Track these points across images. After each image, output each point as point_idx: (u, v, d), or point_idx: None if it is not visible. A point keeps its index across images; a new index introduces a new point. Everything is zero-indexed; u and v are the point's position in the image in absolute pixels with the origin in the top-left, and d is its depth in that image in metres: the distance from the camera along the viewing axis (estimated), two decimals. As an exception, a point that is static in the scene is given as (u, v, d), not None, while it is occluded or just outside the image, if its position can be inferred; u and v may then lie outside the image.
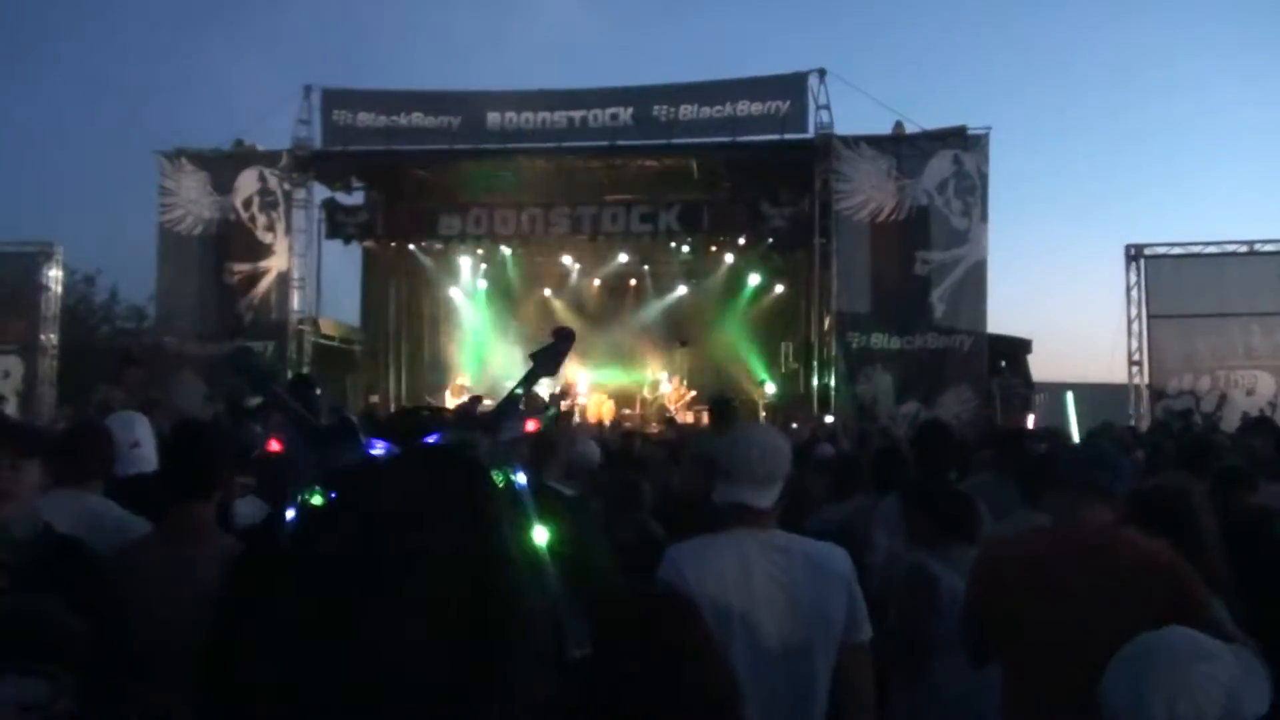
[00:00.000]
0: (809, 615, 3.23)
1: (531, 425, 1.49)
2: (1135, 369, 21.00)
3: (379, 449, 1.32)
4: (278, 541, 1.30)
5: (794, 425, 16.82)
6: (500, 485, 1.32)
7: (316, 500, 1.27)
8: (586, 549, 1.47)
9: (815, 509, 6.28)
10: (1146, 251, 21.04)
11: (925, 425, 6.66)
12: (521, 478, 1.33)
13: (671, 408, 23.83)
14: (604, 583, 1.50)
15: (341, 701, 1.15)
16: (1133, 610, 3.25)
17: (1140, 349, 20.93)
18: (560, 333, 1.62)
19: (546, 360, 1.59)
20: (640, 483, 5.72)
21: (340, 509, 1.26)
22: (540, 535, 1.31)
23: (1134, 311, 20.96)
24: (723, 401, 9.96)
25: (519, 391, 1.50)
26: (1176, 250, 21.13)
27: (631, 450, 9.43)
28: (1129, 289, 21.00)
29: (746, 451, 3.33)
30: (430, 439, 1.36)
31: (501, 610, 1.20)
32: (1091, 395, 22.51)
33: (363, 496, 1.27)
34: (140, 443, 5.17)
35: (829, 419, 16.89)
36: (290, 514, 1.27)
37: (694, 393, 24.45)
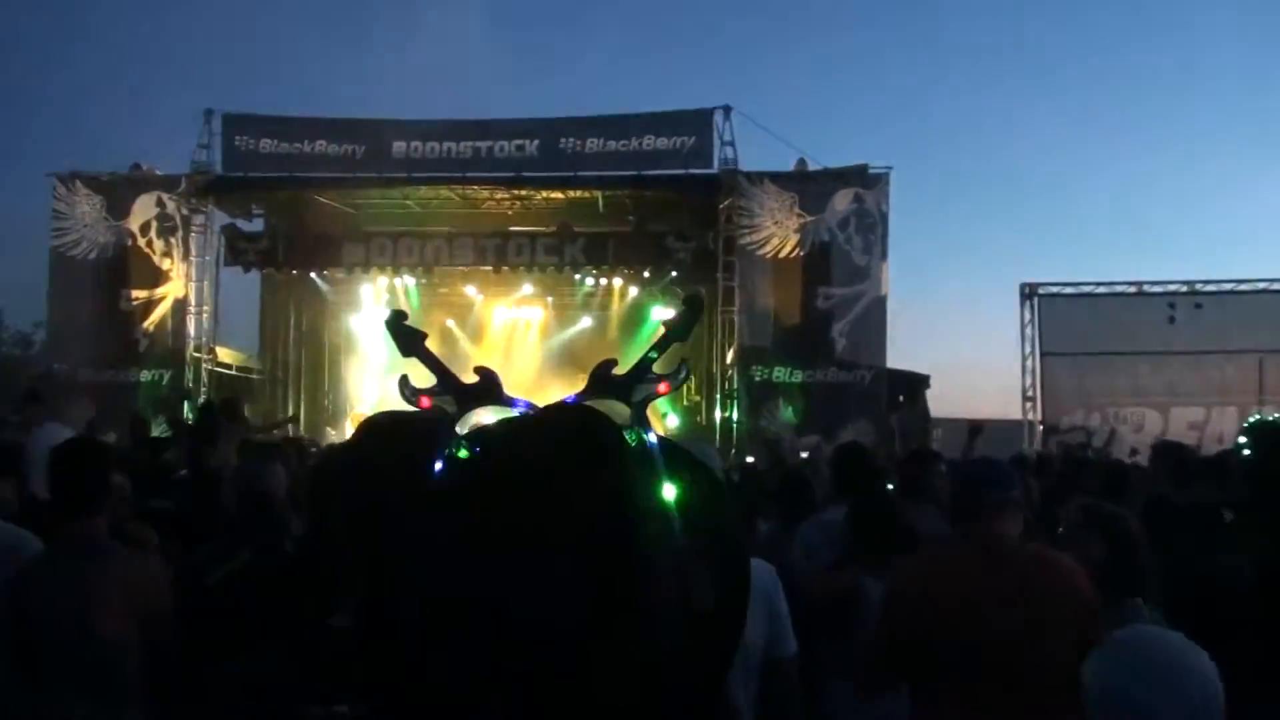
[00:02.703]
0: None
1: (664, 387, 1.61)
2: (1029, 405, 21.57)
3: (520, 408, 1.44)
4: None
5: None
6: (632, 444, 1.43)
7: (463, 454, 1.39)
8: (712, 507, 1.58)
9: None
10: (1040, 290, 21.64)
11: (843, 449, 6.78)
12: (653, 437, 1.45)
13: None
14: (728, 538, 1.62)
15: (481, 634, 1.26)
16: (1037, 620, 3.43)
17: (1034, 385, 21.51)
18: (692, 300, 1.74)
19: (679, 326, 1.70)
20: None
21: (484, 462, 1.38)
22: (669, 492, 1.41)
23: (1028, 349, 21.56)
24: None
25: (653, 355, 1.61)
26: (1069, 289, 21.77)
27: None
28: (1023, 326, 21.60)
29: None
30: (568, 400, 1.49)
31: (629, 557, 1.32)
32: (988, 430, 23.00)
33: (504, 451, 1.39)
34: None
35: (749, 459, 16.94)
36: (438, 465, 1.38)
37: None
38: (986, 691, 3.36)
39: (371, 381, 25.73)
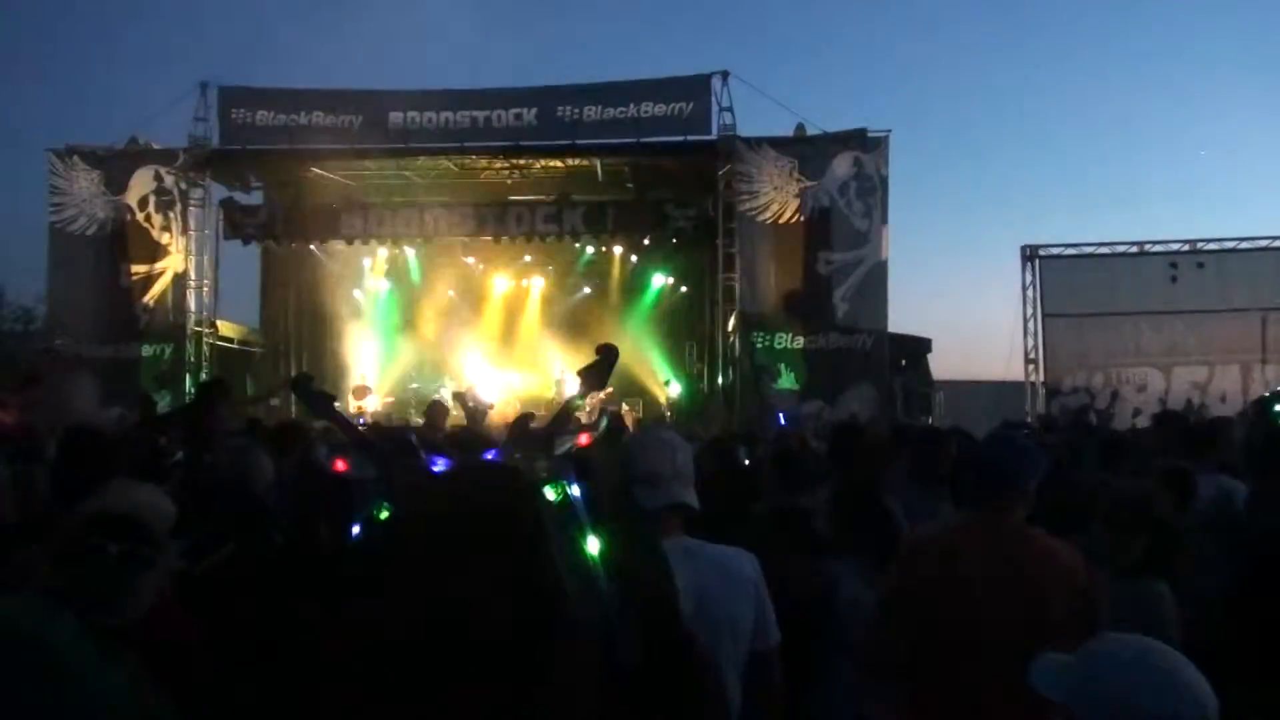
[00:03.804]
0: (718, 622, 3.18)
1: (585, 439, 1.60)
2: (1031, 367, 21.61)
3: (439, 466, 1.42)
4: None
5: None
6: (555, 499, 1.41)
7: (382, 515, 1.37)
8: (641, 559, 1.56)
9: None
10: (1041, 252, 21.66)
11: (839, 428, 6.71)
12: (576, 490, 1.42)
13: (588, 405, 23.85)
14: (656, 593, 1.60)
15: (400, 697, 1.25)
16: (1039, 609, 3.42)
17: (1036, 347, 21.56)
18: (605, 349, 1.72)
19: (593, 375, 1.69)
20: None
21: (404, 523, 1.36)
22: (593, 546, 1.39)
23: (1029, 311, 21.59)
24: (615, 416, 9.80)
25: (575, 403, 1.58)
26: (1070, 251, 21.78)
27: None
28: (1025, 288, 21.64)
29: (660, 454, 3.32)
30: (487, 455, 1.47)
31: (547, 617, 1.30)
32: (990, 393, 23.07)
33: (422, 512, 1.37)
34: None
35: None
36: (356, 529, 1.37)
37: (610, 389, 24.51)
38: (985, 681, 3.34)
39: (372, 353, 25.75)
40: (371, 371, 25.14)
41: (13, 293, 32.19)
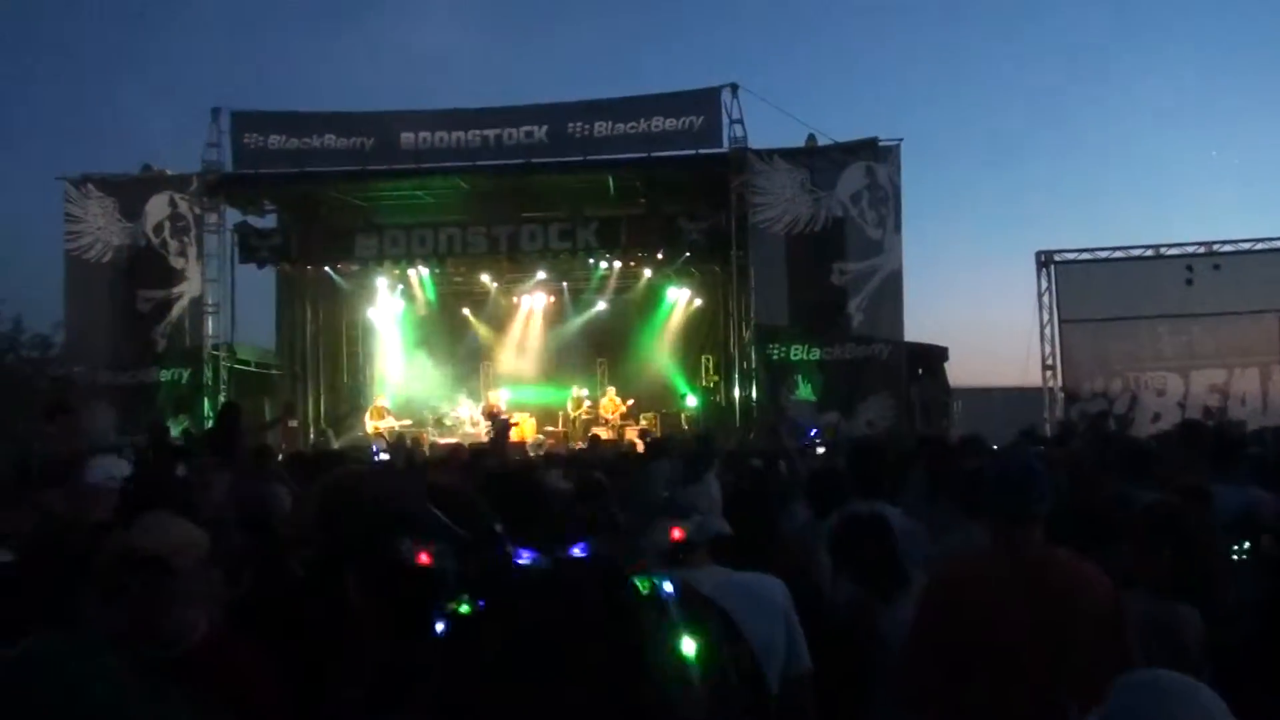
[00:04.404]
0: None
1: (678, 533, 1.54)
2: (1049, 373, 21.56)
3: (525, 559, 1.40)
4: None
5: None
6: (645, 595, 1.39)
7: (464, 609, 1.36)
8: (732, 654, 1.53)
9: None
10: (1056, 257, 21.64)
11: (861, 447, 6.67)
12: (668, 586, 1.40)
13: (608, 419, 23.92)
14: (749, 689, 1.57)
15: None
16: (1069, 631, 3.42)
17: (1053, 353, 21.51)
18: (703, 439, 1.66)
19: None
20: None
21: (488, 620, 1.35)
22: (687, 645, 1.37)
23: (1046, 317, 21.55)
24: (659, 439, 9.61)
25: (666, 496, 1.53)
26: (1085, 256, 21.74)
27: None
28: (1040, 294, 21.60)
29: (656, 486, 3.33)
30: (576, 550, 1.44)
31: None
32: (1008, 400, 23.00)
33: (510, 608, 1.35)
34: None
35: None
36: (440, 624, 1.35)
37: (631, 401, 24.54)
38: (1018, 708, 3.35)
39: (388, 373, 25.83)
40: (388, 391, 25.21)
41: (30, 320, 32.35)
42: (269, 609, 3.47)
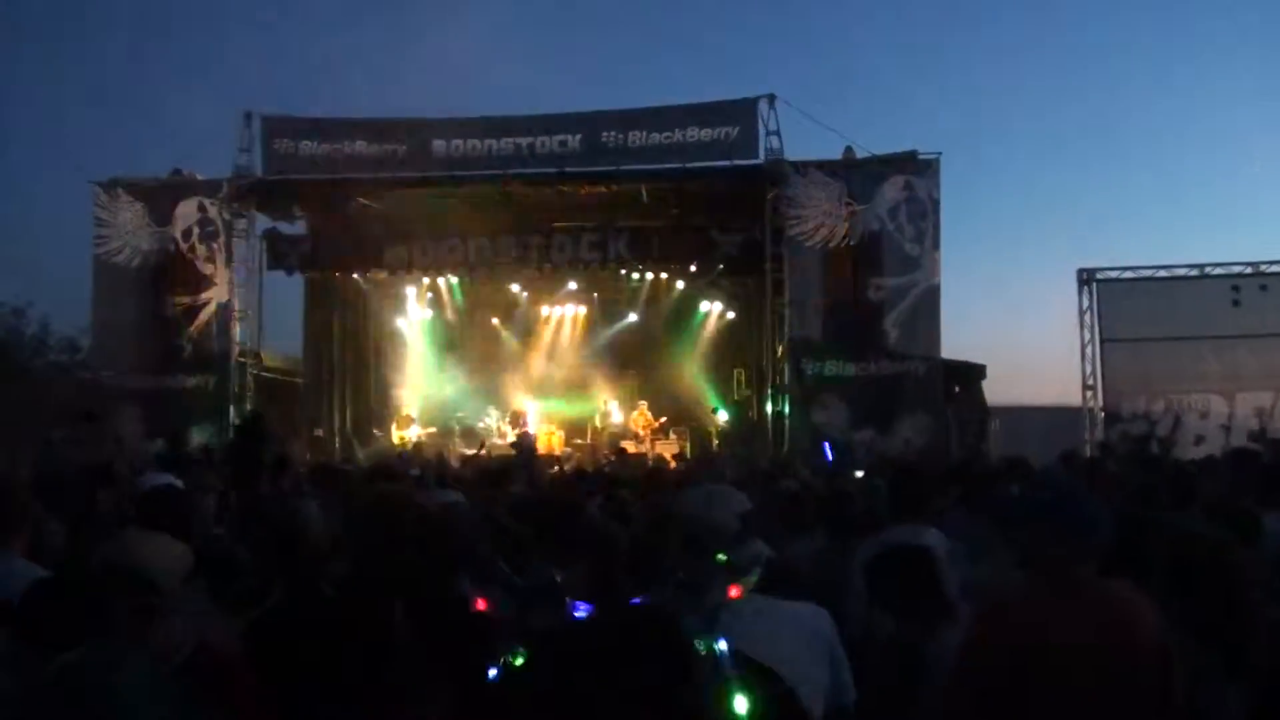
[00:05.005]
0: (796, 683, 2.96)
1: (735, 592, 1.51)
2: (1089, 393, 21.31)
3: (582, 611, 1.33)
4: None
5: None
6: (702, 653, 1.33)
7: (519, 661, 1.28)
8: (784, 713, 1.48)
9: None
10: (1099, 275, 21.39)
11: (900, 472, 6.50)
12: (723, 645, 1.34)
13: (640, 433, 23.82)
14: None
15: None
16: (1123, 670, 3.25)
17: (1094, 373, 21.25)
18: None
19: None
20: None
21: (544, 670, 1.28)
22: (741, 705, 1.31)
23: (1087, 335, 21.30)
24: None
25: (722, 557, 1.52)
26: (1128, 274, 21.48)
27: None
28: (1082, 313, 21.34)
29: (724, 516, 3.22)
30: (634, 602, 1.37)
31: None
32: (1047, 419, 22.77)
33: (566, 660, 1.29)
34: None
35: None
36: (493, 672, 1.28)
37: (664, 419, 24.45)
38: None
39: (416, 382, 25.81)
40: (414, 401, 25.19)
41: (58, 324, 32.57)
42: (295, 628, 3.35)
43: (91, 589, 3.21)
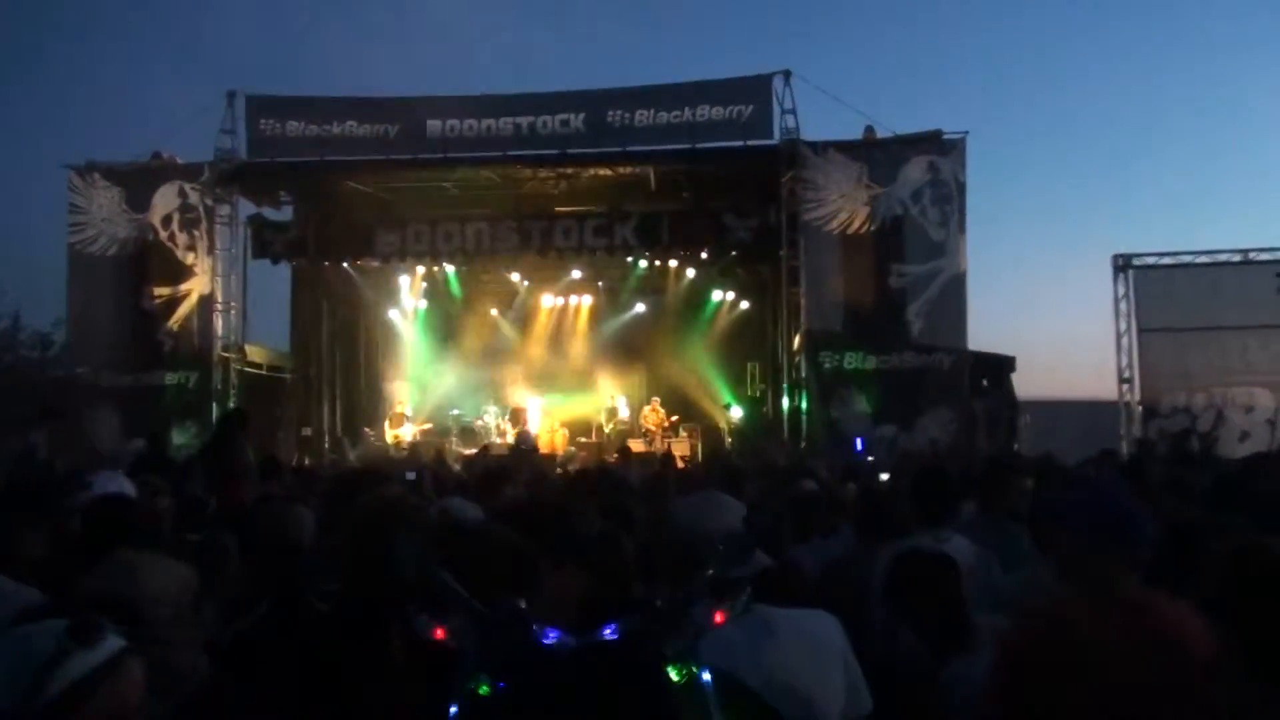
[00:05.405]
0: (808, 695, 3.12)
1: (719, 617, 1.48)
2: (1126, 386, 21.25)
3: (552, 639, 1.31)
4: None
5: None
6: (680, 683, 1.31)
7: (483, 690, 1.27)
8: None
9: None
10: (1135, 261, 21.31)
11: (924, 473, 6.47)
12: (706, 676, 1.32)
13: (651, 431, 23.81)
14: None
15: None
16: (1168, 690, 3.21)
17: (1130, 365, 21.18)
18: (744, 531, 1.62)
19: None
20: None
21: (509, 703, 1.26)
22: None
23: (1123, 325, 21.23)
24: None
25: (710, 574, 1.50)
26: (1167, 260, 21.41)
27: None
28: (1117, 301, 21.27)
29: (716, 528, 3.21)
30: (607, 631, 1.35)
31: None
32: (1080, 414, 22.75)
33: (533, 691, 1.27)
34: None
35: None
36: (454, 708, 1.26)
37: (675, 417, 24.43)
38: None
39: (410, 377, 25.81)
40: (409, 397, 25.20)
41: (29, 317, 32.57)
42: (284, 645, 3.34)
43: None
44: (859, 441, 18.14)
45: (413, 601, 1.59)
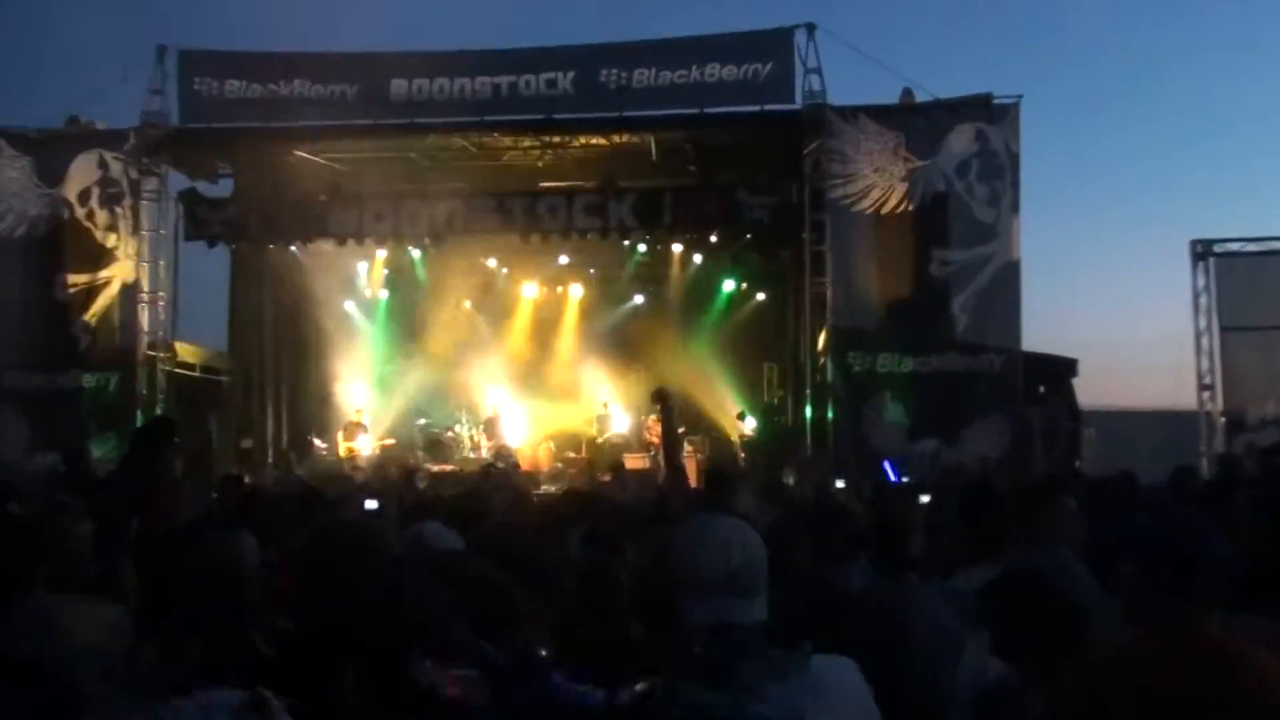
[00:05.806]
0: None
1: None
2: (1206, 394, 21.26)
3: (577, 695, 1.33)
4: None
5: (790, 481, 16.54)
6: None
7: None
8: None
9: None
10: (1217, 249, 21.33)
11: (967, 491, 6.47)
12: None
13: (655, 443, 23.76)
14: None
15: None
16: None
17: (1212, 369, 21.19)
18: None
19: None
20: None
21: None
22: None
23: (1203, 323, 21.23)
24: (722, 476, 9.33)
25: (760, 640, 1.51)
26: (1253, 247, 21.41)
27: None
28: (1196, 295, 21.29)
29: (722, 555, 3.19)
30: (637, 688, 1.38)
31: None
32: (1153, 426, 22.78)
33: None
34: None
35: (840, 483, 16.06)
36: None
37: (682, 429, 24.38)
38: None
39: (368, 380, 25.77)
40: (367, 403, 25.15)
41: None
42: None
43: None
44: (888, 465, 18.08)
45: (414, 644, 1.60)
